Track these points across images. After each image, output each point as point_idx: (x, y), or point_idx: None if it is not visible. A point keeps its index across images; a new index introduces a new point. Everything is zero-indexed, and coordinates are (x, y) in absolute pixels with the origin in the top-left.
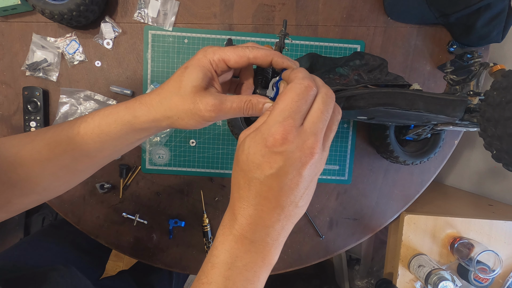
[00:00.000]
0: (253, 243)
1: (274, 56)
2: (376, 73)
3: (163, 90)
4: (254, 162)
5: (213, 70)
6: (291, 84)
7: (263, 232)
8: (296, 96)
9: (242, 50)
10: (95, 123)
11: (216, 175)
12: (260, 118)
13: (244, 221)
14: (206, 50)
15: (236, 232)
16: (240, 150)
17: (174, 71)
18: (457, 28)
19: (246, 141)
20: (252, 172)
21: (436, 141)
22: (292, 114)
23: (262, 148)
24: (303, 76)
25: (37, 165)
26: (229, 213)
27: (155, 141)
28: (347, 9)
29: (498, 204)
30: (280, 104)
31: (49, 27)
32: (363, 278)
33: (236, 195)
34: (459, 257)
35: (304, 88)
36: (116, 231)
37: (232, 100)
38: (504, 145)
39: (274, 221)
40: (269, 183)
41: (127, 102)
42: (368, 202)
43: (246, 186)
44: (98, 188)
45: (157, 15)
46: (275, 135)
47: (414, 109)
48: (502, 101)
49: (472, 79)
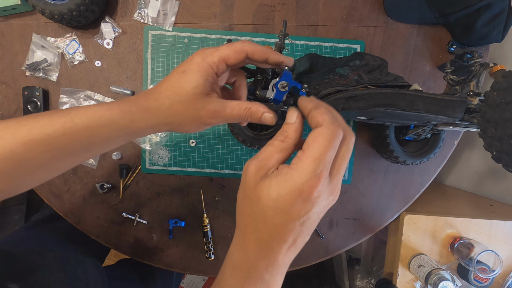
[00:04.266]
0: (266, 281)
1: (270, 53)
2: (376, 74)
3: (161, 96)
4: (283, 209)
5: (214, 74)
6: (322, 130)
7: (279, 271)
8: (329, 145)
9: (240, 44)
10: (83, 124)
11: (216, 175)
12: (270, 149)
13: (261, 263)
14: (203, 53)
15: (250, 275)
16: (261, 191)
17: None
18: (457, 28)
19: (272, 185)
20: (278, 219)
21: (436, 141)
22: (326, 166)
23: (293, 196)
24: (331, 120)
25: (9, 164)
26: (241, 252)
27: (155, 141)
28: (347, 9)
29: (498, 204)
30: (314, 152)
31: (49, 27)
32: (363, 278)
33: (252, 237)
34: (459, 257)
35: (336, 137)
36: (116, 231)
37: (232, 107)
38: (504, 146)
39: (289, 259)
40: (292, 228)
41: (120, 104)
42: (368, 202)
43: (267, 230)
44: (98, 188)
45: (157, 15)
46: (312, 188)
47: (414, 109)
48: (502, 102)
49: (472, 79)
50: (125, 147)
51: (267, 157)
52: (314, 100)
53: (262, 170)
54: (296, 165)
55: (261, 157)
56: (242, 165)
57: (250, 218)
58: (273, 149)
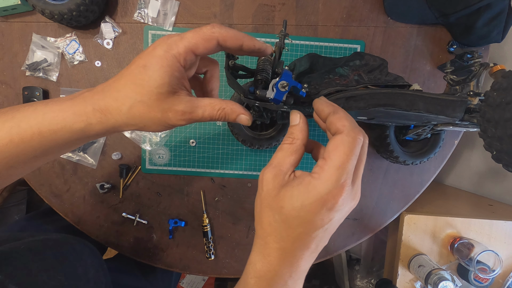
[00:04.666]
0: (288, 287)
1: (244, 39)
2: (376, 74)
3: (120, 94)
4: (307, 219)
5: (181, 67)
6: (343, 137)
7: (301, 276)
8: (351, 153)
9: (208, 31)
10: (33, 129)
11: (216, 175)
12: (281, 154)
13: (284, 271)
14: (166, 42)
15: (276, 284)
16: (283, 200)
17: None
18: (457, 28)
19: (295, 194)
20: (302, 228)
21: (436, 141)
22: (349, 175)
23: (318, 206)
24: (351, 126)
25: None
26: (265, 262)
27: (155, 141)
28: (347, 9)
29: (498, 204)
30: (336, 161)
31: (49, 27)
32: (363, 278)
33: (274, 246)
34: (459, 257)
35: (357, 144)
36: (116, 231)
37: (204, 108)
38: (504, 146)
39: (309, 264)
40: (315, 236)
41: (73, 104)
42: (368, 202)
43: (290, 239)
44: (98, 188)
45: (157, 15)
46: (336, 197)
47: (414, 109)
48: (502, 102)
49: (472, 79)
50: (125, 147)
51: (279, 162)
52: (331, 104)
53: (278, 177)
54: (319, 174)
55: (274, 164)
56: (242, 165)
57: (272, 227)
58: (283, 153)
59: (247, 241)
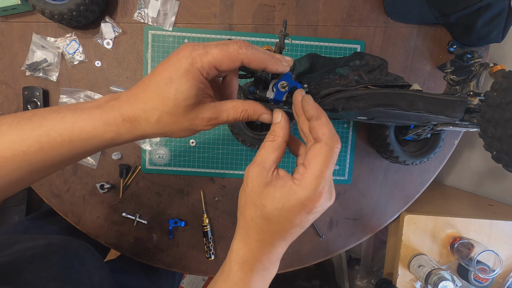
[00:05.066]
0: (268, 269)
1: (268, 62)
2: (376, 74)
3: (147, 106)
4: (287, 218)
5: (205, 80)
6: (322, 146)
7: (277, 260)
8: (328, 162)
9: (235, 51)
10: (63, 137)
11: (216, 175)
12: (263, 151)
13: (265, 258)
14: (191, 55)
15: (256, 268)
16: (266, 199)
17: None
18: (457, 28)
19: (276, 196)
20: (281, 225)
21: (436, 141)
22: (327, 182)
23: (297, 209)
24: (330, 135)
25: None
26: (247, 250)
27: (155, 141)
28: (347, 9)
29: (498, 204)
30: (315, 169)
31: (49, 27)
32: (363, 278)
33: (256, 237)
34: (459, 257)
35: (334, 153)
36: (116, 231)
37: (228, 112)
38: (504, 146)
39: (284, 250)
40: (293, 232)
41: (102, 113)
42: (368, 202)
43: (270, 232)
44: (98, 188)
45: (157, 15)
46: (315, 202)
47: (414, 109)
48: (502, 102)
49: (472, 79)
50: (125, 147)
51: (262, 160)
52: (316, 107)
53: (262, 174)
54: (300, 181)
55: (258, 161)
56: (242, 165)
57: (253, 221)
58: (266, 151)
59: None
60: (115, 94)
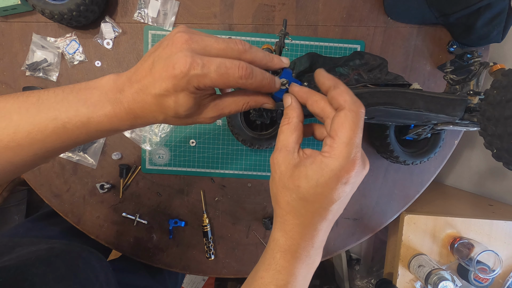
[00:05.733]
0: (311, 256)
1: (267, 87)
2: (376, 73)
3: (152, 114)
4: (324, 194)
5: (202, 91)
6: (346, 113)
7: (320, 247)
8: (356, 128)
9: (234, 82)
10: (80, 129)
11: (216, 175)
12: (282, 136)
13: (307, 243)
14: (188, 73)
15: (299, 254)
16: (299, 179)
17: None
18: (457, 28)
19: (309, 174)
20: (320, 203)
21: (436, 141)
22: (358, 148)
23: (333, 182)
24: (352, 101)
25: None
26: (287, 237)
27: (155, 141)
28: (347, 9)
29: (498, 204)
30: (343, 137)
31: (49, 27)
32: (363, 278)
33: (295, 221)
34: (459, 257)
35: (360, 117)
36: (116, 231)
37: (229, 108)
38: (504, 144)
39: (327, 232)
40: (332, 208)
41: (115, 110)
42: (368, 202)
43: (309, 213)
44: (98, 188)
45: (157, 15)
46: (350, 171)
47: (414, 108)
48: (502, 100)
49: (472, 78)
50: (125, 147)
51: (284, 144)
52: (331, 78)
53: (287, 157)
54: (329, 152)
55: (279, 146)
56: (242, 165)
57: (290, 206)
58: (284, 134)
59: (247, 241)
60: (117, 81)
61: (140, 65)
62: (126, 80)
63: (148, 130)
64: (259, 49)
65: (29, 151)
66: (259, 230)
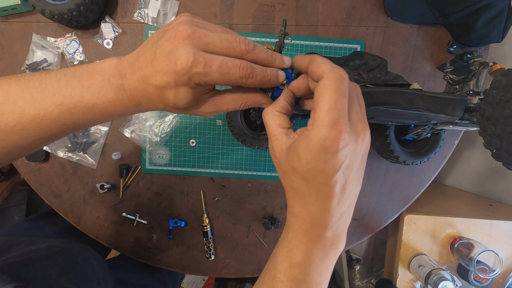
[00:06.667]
0: (327, 238)
1: (266, 80)
2: (375, 73)
3: (154, 103)
4: (318, 169)
5: (202, 86)
6: (324, 81)
7: (334, 226)
8: (335, 93)
9: (235, 81)
10: (86, 115)
11: (216, 175)
12: (268, 126)
13: (317, 223)
14: (190, 71)
15: (310, 234)
16: (292, 160)
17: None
18: (457, 28)
19: (299, 152)
20: (318, 179)
21: (436, 141)
22: (341, 113)
23: (322, 155)
24: (330, 68)
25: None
26: (296, 218)
27: (155, 141)
28: (347, 9)
29: (498, 204)
30: (324, 105)
31: (49, 27)
32: (363, 278)
33: (301, 202)
34: (459, 257)
35: (340, 82)
36: (116, 231)
37: (227, 105)
38: (504, 144)
39: (342, 213)
40: (334, 182)
41: (118, 96)
42: (368, 202)
43: (312, 192)
44: (98, 188)
45: (157, 15)
46: (336, 139)
47: (414, 108)
48: (502, 99)
49: (472, 78)
50: (125, 147)
51: (270, 132)
52: (307, 56)
53: (278, 142)
54: (312, 125)
55: (269, 138)
56: (242, 165)
57: (293, 189)
58: (267, 125)
59: (247, 241)
60: (119, 66)
61: (142, 52)
62: (128, 66)
63: (148, 130)
64: (262, 48)
65: (35, 135)
66: (259, 230)
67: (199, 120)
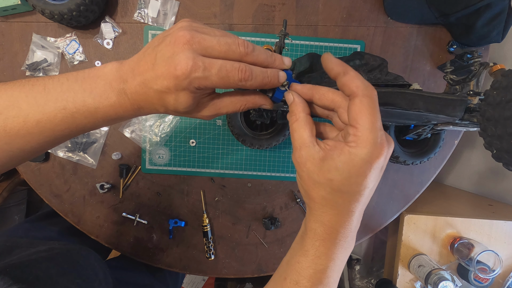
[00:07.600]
0: (349, 242)
1: (266, 80)
2: (376, 73)
3: (154, 107)
4: (358, 182)
5: (202, 90)
6: (362, 99)
7: (356, 229)
8: (374, 112)
9: (234, 84)
10: (88, 119)
11: (216, 175)
12: (296, 134)
13: (346, 230)
14: (189, 75)
15: (339, 241)
16: (329, 172)
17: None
18: (457, 28)
19: (338, 165)
20: (354, 190)
21: (436, 141)
22: (381, 131)
23: (367, 171)
24: (364, 86)
25: (3, 156)
26: (326, 227)
27: (155, 141)
28: (347, 9)
29: (498, 204)
30: (365, 124)
31: (49, 27)
32: (363, 278)
33: (333, 212)
34: (459, 257)
35: (375, 101)
36: (116, 231)
37: (227, 108)
38: (504, 145)
39: (360, 217)
40: (367, 192)
41: (120, 100)
42: (368, 202)
43: (346, 202)
44: (98, 188)
45: (157, 15)
46: (380, 156)
47: (414, 108)
48: (502, 100)
49: (472, 78)
50: (125, 147)
51: (301, 141)
52: (340, 63)
53: (310, 152)
54: (356, 142)
55: (298, 145)
56: (242, 165)
57: (326, 200)
58: (297, 132)
59: (247, 241)
60: (120, 70)
61: (143, 57)
62: (129, 70)
63: (148, 130)
64: (261, 50)
65: (39, 139)
66: (259, 230)
67: (199, 120)
